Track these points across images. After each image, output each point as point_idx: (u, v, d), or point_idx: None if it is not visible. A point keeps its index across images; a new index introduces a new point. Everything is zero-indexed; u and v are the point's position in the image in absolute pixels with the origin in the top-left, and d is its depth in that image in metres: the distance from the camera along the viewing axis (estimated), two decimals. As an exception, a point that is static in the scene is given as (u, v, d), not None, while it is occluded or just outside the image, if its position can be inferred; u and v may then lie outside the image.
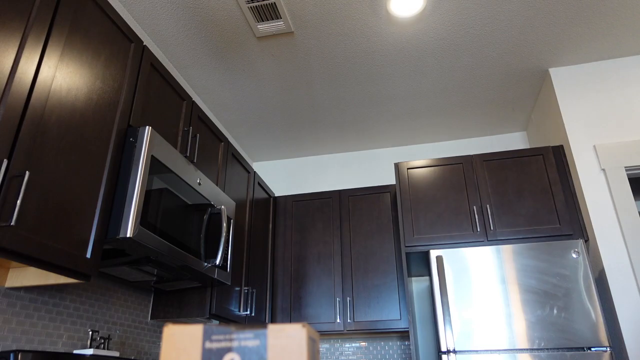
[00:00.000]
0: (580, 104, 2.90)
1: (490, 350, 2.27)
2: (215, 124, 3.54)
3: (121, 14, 2.41)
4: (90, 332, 1.83)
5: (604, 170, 2.68)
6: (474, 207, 2.80)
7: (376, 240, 3.20)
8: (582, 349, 2.20)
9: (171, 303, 2.36)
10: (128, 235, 1.53)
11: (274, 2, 2.40)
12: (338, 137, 3.83)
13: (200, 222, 2.05)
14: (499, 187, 2.83)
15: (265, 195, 3.33)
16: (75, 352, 1.76)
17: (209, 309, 2.29)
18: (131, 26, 2.42)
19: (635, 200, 4.03)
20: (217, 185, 2.48)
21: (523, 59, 2.93)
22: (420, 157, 3.89)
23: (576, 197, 2.73)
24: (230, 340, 0.52)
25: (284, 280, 3.24)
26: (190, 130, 2.21)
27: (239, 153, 2.87)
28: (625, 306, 2.36)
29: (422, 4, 2.45)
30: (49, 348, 1.68)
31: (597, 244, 2.53)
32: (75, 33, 1.51)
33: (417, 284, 3.43)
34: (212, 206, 2.19)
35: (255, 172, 3.12)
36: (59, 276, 1.50)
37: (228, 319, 2.47)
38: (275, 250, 3.35)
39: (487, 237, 2.70)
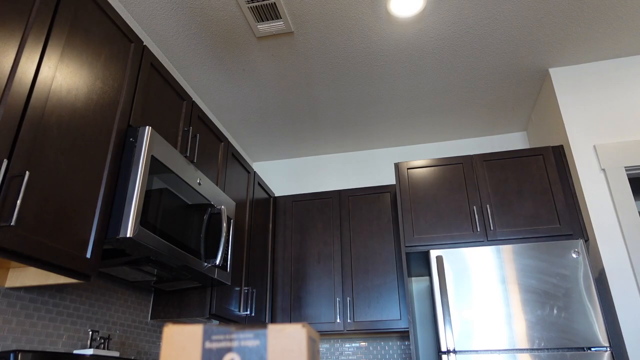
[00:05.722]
0: (580, 104, 2.90)
1: (490, 350, 2.27)
2: (215, 124, 3.53)
3: (121, 14, 2.41)
4: (90, 332, 1.83)
5: (604, 170, 2.68)
6: (474, 207, 2.80)
7: (376, 241, 3.20)
8: (582, 349, 2.20)
9: (171, 303, 2.36)
10: (128, 235, 1.53)
11: (274, 2, 2.40)
12: (338, 137, 3.83)
13: (200, 222, 2.05)
14: (499, 187, 2.83)
15: (265, 195, 3.33)
16: (75, 352, 1.76)
17: (209, 309, 2.29)
18: (131, 26, 2.42)
19: (635, 200, 4.03)
20: (217, 185, 2.48)
21: (523, 59, 2.93)
22: (420, 157, 3.89)
23: (576, 197, 2.73)
24: (230, 340, 0.52)
25: (284, 280, 3.24)
26: (190, 130, 2.21)
27: (239, 153, 2.87)
28: (625, 306, 2.36)
29: (422, 4, 2.45)
30: (49, 348, 1.68)
31: (597, 244, 2.53)
32: (75, 33, 1.51)
33: (417, 284, 3.43)
34: (212, 206, 2.19)
35: (255, 172, 3.12)
36: (59, 276, 1.50)
37: (228, 319, 2.47)
38: (275, 250, 3.35)
39: (487, 237, 2.70)
